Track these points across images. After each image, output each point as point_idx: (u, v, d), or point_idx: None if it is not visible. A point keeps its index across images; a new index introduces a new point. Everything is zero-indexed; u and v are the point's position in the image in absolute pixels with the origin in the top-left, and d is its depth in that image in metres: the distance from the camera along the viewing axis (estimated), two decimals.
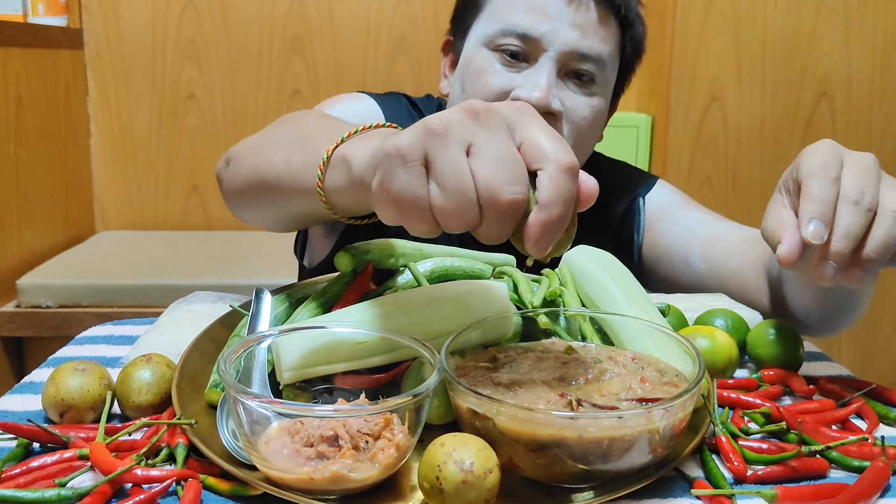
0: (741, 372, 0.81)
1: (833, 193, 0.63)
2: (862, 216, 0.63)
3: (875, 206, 0.64)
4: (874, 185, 0.64)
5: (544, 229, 0.53)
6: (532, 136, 0.54)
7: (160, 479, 0.56)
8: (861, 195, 0.63)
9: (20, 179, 2.08)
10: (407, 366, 0.67)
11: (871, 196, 0.63)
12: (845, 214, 0.63)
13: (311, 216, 0.80)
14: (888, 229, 0.63)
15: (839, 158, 0.66)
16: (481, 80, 1.01)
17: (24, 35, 2.12)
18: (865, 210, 0.63)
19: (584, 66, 1.00)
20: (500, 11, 1.01)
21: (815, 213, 0.63)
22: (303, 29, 2.53)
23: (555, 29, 0.98)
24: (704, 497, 0.57)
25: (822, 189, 0.63)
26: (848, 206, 0.63)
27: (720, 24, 2.17)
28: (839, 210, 0.63)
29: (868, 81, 2.20)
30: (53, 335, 1.94)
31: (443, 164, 0.52)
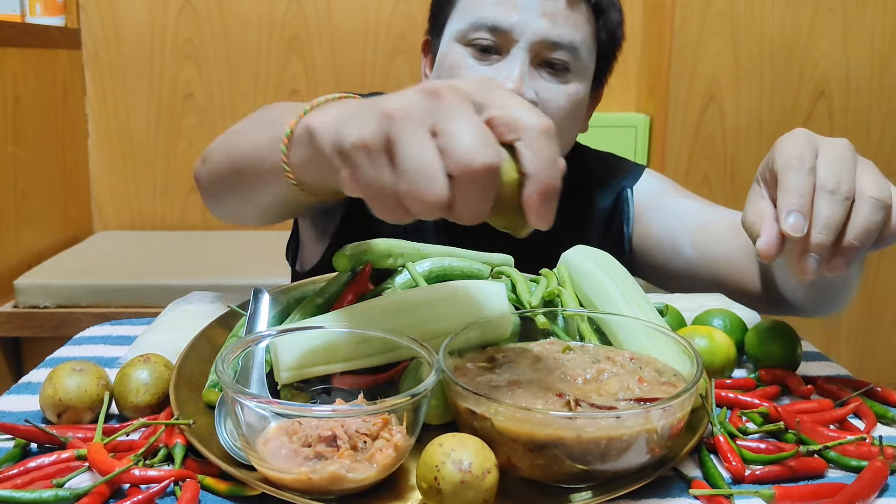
0: (739, 372, 0.81)
1: (809, 184, 0.63)
2: (840, 205, 0.62)
3: (852, 194, 0.63)
4: (850, 171, 0.64)
5: (542, 198, 0.51)
6: (501, 107, 0.52)
7: (158, 479, 0.56)
8: (837, 184, 0.62)
9: (18, 179, 2.08)
10: (405, 366, 0.67)
11: (848, 184, 0.63)
12: (823, 205, 0.62)
13: (287, 201, 0.79)
14: (867, 216, 0.62)
15: (814, 147, 0.65)
16: (455, 76, 1.01)
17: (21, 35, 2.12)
18: (843, 198, 0.62)
19: (556, 55, 1.00)
20: (471, 6, 1.01)
21: (794, 206, 0.62)
22: (301, 29, 2.53)
23: (524, 19, 0.98)
24: (702, 497, 0.57)
25: (798, 180, 0.63)
26: (825, 197, 0.62)
27: (718, 24, 2.17)
28: (817, 201, 0.62)
29: (866, 81, 2.20)
30: (51, 335, 1.94)
31: (405, 149, 0.51)
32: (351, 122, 0.54)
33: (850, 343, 2.36)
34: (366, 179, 0.53)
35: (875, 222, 0.62)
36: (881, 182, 0.64)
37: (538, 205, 0.52)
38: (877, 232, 0.63)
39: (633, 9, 2.51)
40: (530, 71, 0.99)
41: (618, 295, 0.75)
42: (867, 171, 0.65)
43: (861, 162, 0.66)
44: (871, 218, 0.62)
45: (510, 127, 0.52)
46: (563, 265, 0.82)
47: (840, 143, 0.67)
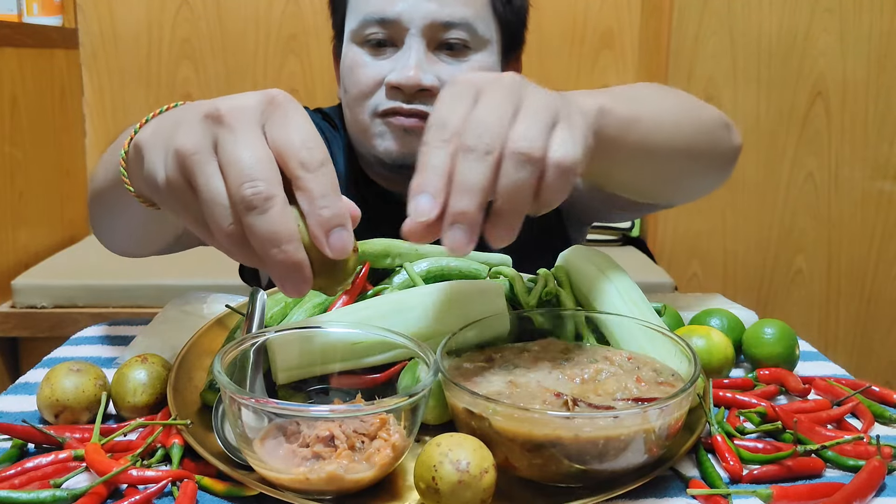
0: (737, 371, 0.81)
1: (446, 155, 0.53)
2: (479, 163, 0.52)
3: (497, 148, 0.52)
4: (499, 120, 0.53)
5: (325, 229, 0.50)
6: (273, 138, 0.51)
7: (155, 479, 0.56)
8: (478, 139, 0.52)
9: (15, 179, 2.08)
10: (403, 366, 0.67)
11: (492, 136, 0.52)
12: (461, 167, 0.52)
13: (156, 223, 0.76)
14: (508, 175, 0.52)
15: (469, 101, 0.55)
16: (355, 76, 1.01)
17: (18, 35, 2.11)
18: (483, 154, 0.52)
19: (451, 35, 0.98)
20: (358, 4, 1.01)
21: (422, 185, 0.52)
22: (299, 29, 2.53)
23: (411, 5, 0.97)
24: (700, 497, 0.57)
25: (431, 154, 0.53)
26: (464, 157, 0.52)
27: (716, 24, 2.17)
28: (457, 162, 0.52)
29: (863, 81, 2.20)
30: (48, 336, 1.94)
31: (198, 185, 0.50)
32: (156, 159, 0.54)
33: (847, 343, 2.36)
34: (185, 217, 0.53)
35: (519, 180, 0.52)
36: (535, 128, 0.53)
37: (323, 237, 0.50)
38: (527, 191, 0.53)
39: (632, 9, 2.52)
40: (428, 56, 0.98)
41: (615, 295, 0.75)
42: (529, 113, 0.54)
43: (528, 103, 0.55)
44: (513, 176, 0.52)
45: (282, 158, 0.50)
46: (560, 265, 0.82)
47: (500, 83, 0.56)
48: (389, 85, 0.98)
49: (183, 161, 0.51)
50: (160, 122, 0.58)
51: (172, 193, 0.53)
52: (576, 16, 2.49)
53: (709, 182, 0.90)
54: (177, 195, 0.52)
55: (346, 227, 0.51)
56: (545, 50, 2.49)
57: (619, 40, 2.54)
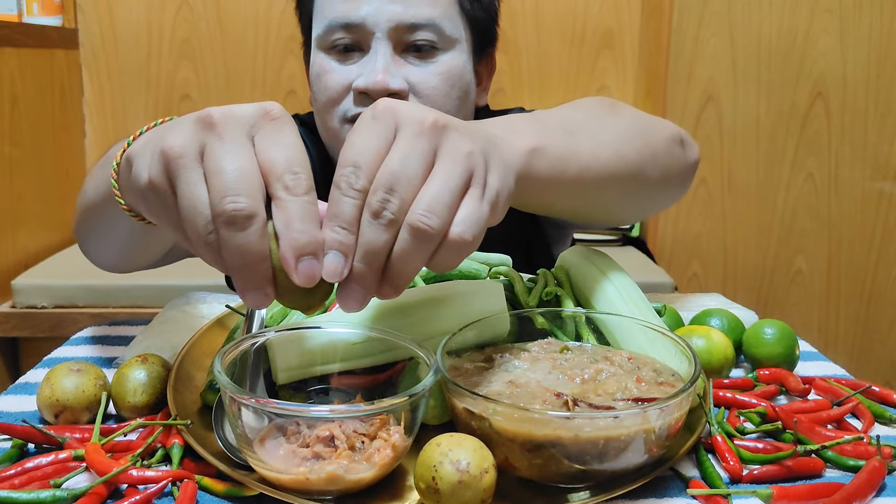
0: (737, 371, 0.81)
1: (357, 209, 0.51)
2: (383, 232, 0.50)
3: (401, 216, 0.51)
4: (410, 180, 0.51)
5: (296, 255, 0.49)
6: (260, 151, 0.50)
7: (156, 479, 0.56)
8: (384, 202, 0.50)
9: (14, 179, 2.08)
10: (403, 366, 0.67)
11: (398, 203, 0.50)
12: (366, 230, 0.51)
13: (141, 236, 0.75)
14: (405, 244, 0.51)
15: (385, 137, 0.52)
16: (323, 82, 1.00)
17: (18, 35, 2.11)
18: (387, 224, 0.50)
19: (418, 37, 0.98)
20: (322, 9, 1.00)
21: (332, 242, 0.50)
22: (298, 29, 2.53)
23: (375, 8, 0.96)
24: (700, 497, 0.57)
25: (341, 207, 0.51)
26: (367, 219, 0.51)
27: (716, 25, 2.17)
28: (362, 220, 0.51)
29: (863, 82, 2.20)
30: (48, 336, 1.94)
31: (179, 189, 0.50)
32: (142, 159, 0.54)
33: (847, 343, 2.36)
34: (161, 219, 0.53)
35: (413, 251, 0.51)
36: (441, 199, 0.51)
37: (292, 262, 0.49)
38: (419, 261, 0.52)
39: (632, 9, 2.52)
40: (395, 59, 0.97)
41: (616, 295, 0.75)
42: (439, 174, 0.52)
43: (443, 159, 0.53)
44: (409, 246, 0.51)
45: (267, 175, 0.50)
46: (560, 265, 0.82)
47: (419, 127, 0.53)
48: (357, 90, 0.97)
49: (168, 163, 0.50)
50: (154, 132, 0.58)
51: (154, 194, 0.52)
52: (576, 16, 2.49)
53: (662, 200, 0.87)
54: (158, 197, 0.52)
55: (317, 258, 0.50)
56: (545, 50, 2.49)
57: (619, 40, 2.54)
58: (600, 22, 2.52)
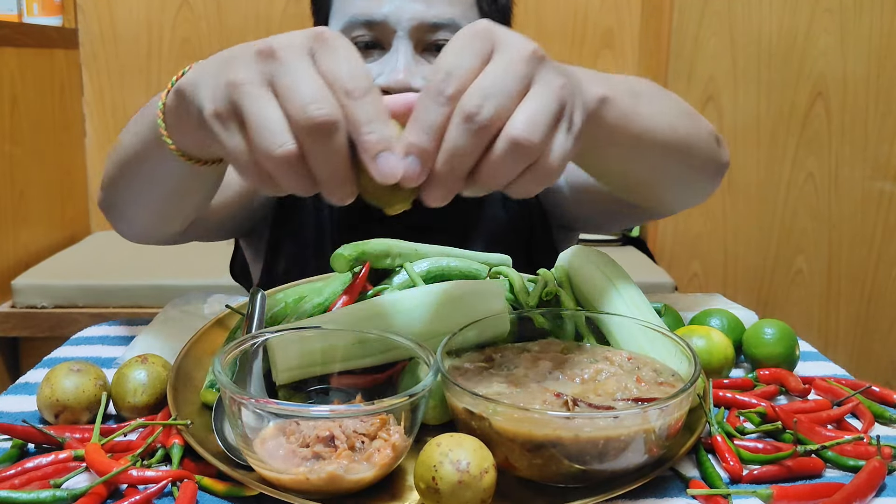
0: (737, 371, 0.81)
1: (444, 117, 0.51)
2: (475, 137, 0.50)
3: (496, 125, 0.51)
4: (505, 94, 0.51)
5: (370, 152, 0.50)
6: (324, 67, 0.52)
7: (156, 479, 0.56)
8: (478, 108, 0.50)
9: (15, 179, 2.08)
10: (403, 366, 0.67)
11: (492, 111, 0.50)
12: (455, 132, 0.50)
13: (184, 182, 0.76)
14: (497, 158, 0.51)
15: (479, 57, 0.52)
16: None
17: (18, 35, 2.11)
18: (477, 129, 0.50)
19: (439, 36, 0.98)
20: (343, 6, 1.00)
21: (411, 148, 0.51)
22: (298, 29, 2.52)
23: (397, 7, 0.96)
24: (700, 497, 0.57)
25: (428, 112, 0.51)
26: (457, 122, 0.50)
27: (716, 24, 2.17)
28: (450, 123, 0.51)
29: (864, 81, 2.20)
30: (48, 336, 1.94)
31: (249, 110, 0.51)
32: (205, 89, 0.55)
33: (847, 343, 2.36)
34: (224, 147, 0.54)
35: (506, 167, 0.52)
36: (540, 120, 0.51)
37: (370, 162, 0.50)
38: (512, 176, 0.53)
39: (632, 9, 2.52)
40: (415, 58, 0.97)
41: (615, 295, 0.75)
42: (537, 97, 0.52)
43: (540, 83, 0.53)
44: (501, 160, 0.51)
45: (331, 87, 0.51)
46: (560, 265, 0.82)
47: (520, 53, 0.53)
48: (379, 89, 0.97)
49: (233, 90, 0.52)
50: (204, 65, 0.60)
51: (219, 123, 0.53)
52: (576, 16, 2.49)
53: (696, 190, 0.89)
54: (223, 125, 0.53)
55: (391, 151, 0.51)
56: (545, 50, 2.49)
57: (619, 40, 2.54)
58: (600, 22, 2.52)
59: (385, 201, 0.55)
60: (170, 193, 0.79)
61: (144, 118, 0.73)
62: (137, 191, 0.80)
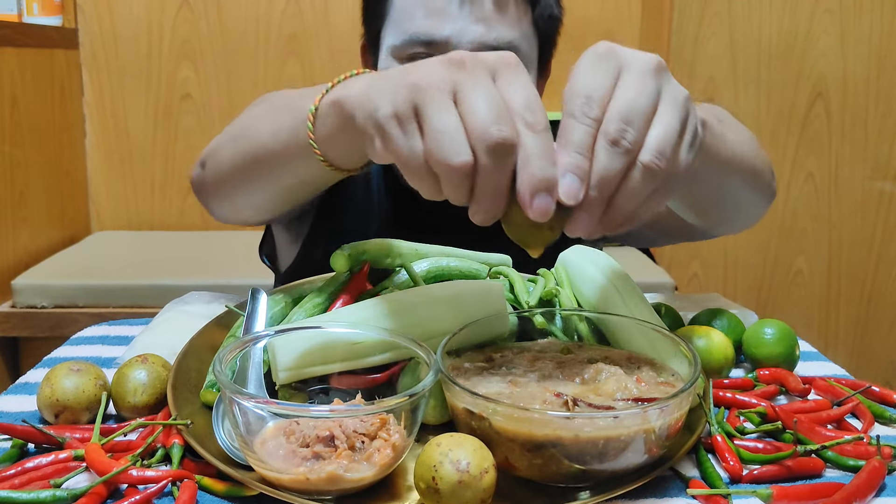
0: (737, 371, 0.81)
1: (591, 137, 0.53)
2: (620, 159, 0.53)
3: (638, 145, 0.53)
4: (643, 115, 0.54)
5: (532, 189, 0.52)
6: (505, 92, 0.54)
7: (156, 479, 0.56)
8: (622, 132, 0.53)
9: (15, 179, 2.08)
10: (403, 366, 0.67)
11: (635, 132, 0.53)
12: (604, 156, 0.53)
13: (308, 182, 0.78)
14: (637, 182, 0.54)
15: (612, 75, 0.55)
16: None
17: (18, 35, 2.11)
18: (624, 152, 0.53)
19: None
20: (401, 21, 0.99)
21: (570, 166, 0.53)
22: (299, 29, 2.53)
23: (459, 29, 0.96)
24: (700, 497, 0.57)
25: (577, 134, 0.53)
26: (604, 146, 0.53)
27: (716, 25, 2.17)
28: (597, 147, 0.53)
29: (864, 82, 2.20)
30: (48, 335, 1.94)
31: (431, 114, 0.53)
32: (382, 94, 0.56)
33: (847, 343, 2.36)
34: (397, 147, 0.55)
35: (641, 190, 0.54)
36: (669, 139, 0.54)
37: (528, 197, 0.52)
38: (643, 199, 0.55)
39: (632, 9, 2.52)
40: None
41: (616, 295, 0.75)
42: (665, 115, 0.55)
43: (667, 96, 0.55)
44: (636, 186, 0.54)
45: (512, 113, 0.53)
46: (560, 265, 0.82)
47: (645, 68, 0.55)
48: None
49: (418, 93, 0.53)
50: (372, 78, 0.61)
51: (396, 125, 0.54)
52: (576, 16, 2.49)
53: (754, 215, 0.92)
54: (400, 127, 0.54)
55: (551, 195, 0.52)
56: None
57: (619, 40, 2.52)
58: (600, 22, 2.52)
59: (527, 239, 0.56)
60: (289, 190, 0.81)
61: (282, 116, 0.74)
62: (257, 184, 0.82)
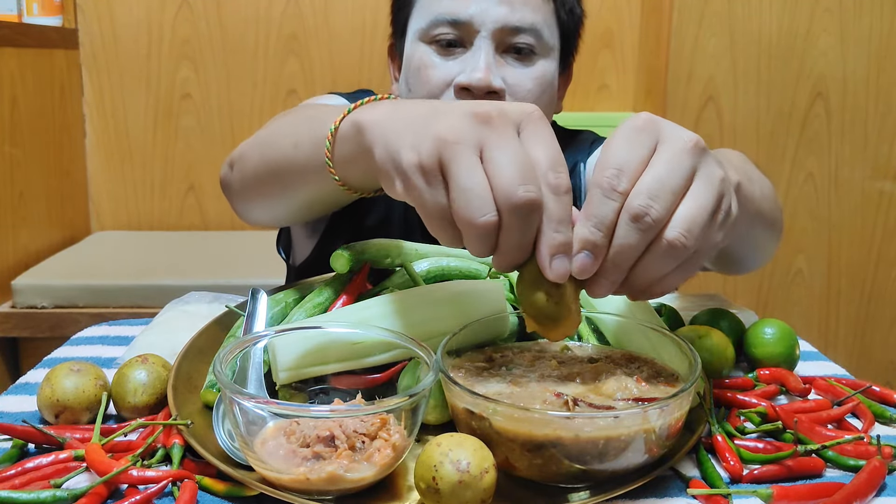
0: (737, 371, 0.81)
1: (615, 213, 0.54)
2: (638, 234, 0.53)
3: (661, 224, 0.53)
4: (672, 192, 0.54)
5: (550, 251, 0.53)
6: (530, 149, 0.54)
7: (156, 479, 0.56)
8: (646, 209, 0.53)
9: (15, 179, 2.08)
10: (403, 366, 0.67)
11: (659, 212, 0.53)
12: (622, 231, 0.53)
13: (324, 199, 0.80)
14: (655, 260, 0.54)
15: (647, 149, 0.55)
16: (423, 76, 1.02)
17: (18, 35, 2.12)
18: (645, 229, 0.53)
19: (520, 40, 1.00)
20: (428, 4, 1.03)
21: (585, 243, 0.54)
22: (298, 28, 2.53)
23: (483, 9, 0.99)
24: (701, 496, 0.57)
25: (601, 208, 0.54)
26: (625, 221, 0.53)
27: (716, 25, 2.17)
28: (619, 221, 0.54)
29: (863, 82, 2.20)
30: (49, 336, 1.94)
31: (458, 173, 0.53)
32: (405, 138, 0.56)
33: (847, 343, 2.36)
34: (422, 197, 0.55)
35: (662, 266, 0.55)
36: (698, 222, 0.54)
37: (548, 260, 0.53)
38: (665, 273, 0.55)
39: (632, 9, 2.52)
40: (496, 58, 1.00)
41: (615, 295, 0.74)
42: (698, 195, 0.55)
43: (700, 181, 0.55)
44: (658, 261, 0.54)
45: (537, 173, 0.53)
46: None
47: (683, 146, 0.55)
48: (459, 86, 0.99)
49: (445, 147, 0.53)
50: (398, 110, 0.61)
51: (421, 176, 0.55)
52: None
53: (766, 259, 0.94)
54: (425, 178, 0.54)
55: (568, 257, 0.54)
56: None
57: (619, 40, 2.54)
58: (600, 22, 2.52)
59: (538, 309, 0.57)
60: (307, 203, 0.82)
61: (305, 130, 0.75)
62: (277, 193, 0.83)
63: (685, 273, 0.56)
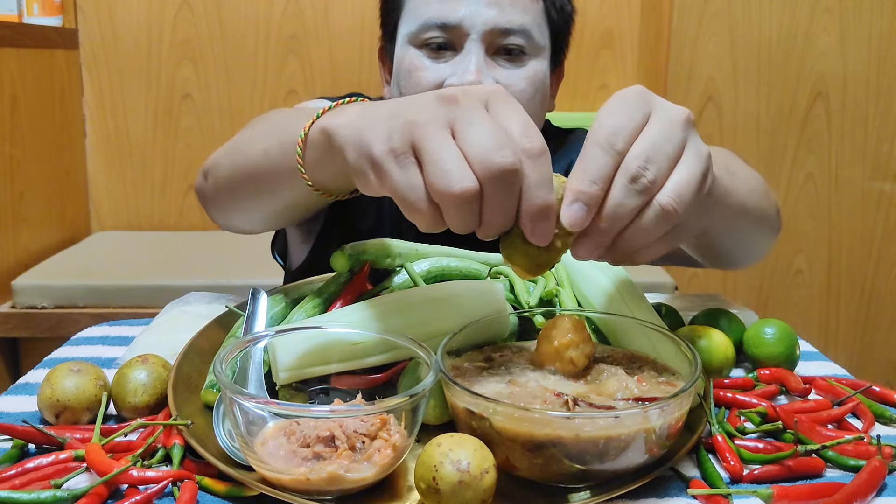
0: (737, 371, 0.81)
1: (611, 169, 0.54)
2: (635, 197, 0.54)
3: (656, 188, 0.55)
4: (667, 158, 0.55)
5: (534, 217, 0.53)
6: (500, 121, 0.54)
7: (156, 479, 0.56)
8: (642, 171, 0.54)
9: (15, 180, 2.08)
10: (403, 366, 0.67)
11: (655, 174, 0.54)
12: (617, 191, 0.54)
13: (299, 203, 0.80)
14: (649, 223, 0.55)
15: (642, 116, 0.56)
16: (414, 79, 1.01)
17: (18, 35, 2.12)
18: (641, 190, 0.54)
19: (510, 41, 1.00)
20: (417, 7, 1.02)
21: (580, 195, 0.54)
22: (298, 29, 2.53)
23: (472, 11, 0.99)
24: (701, 496, 0.57)
25: (597, 161, 0.54)
26: (622, 182, 0.54)
27: (716, 25, 2.17)
28: (614, 182, 0.54)
29: (863, 81, 2.20)
30: (49, 336, 1.94)
31: (431, 148, 0.53)
32: (375, 131, 0.56)
33: (848, 343, 2.36)
34: (395, 182, 0.55)
35: (653, 231, 0.55)
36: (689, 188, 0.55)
37: (531, 224, 0.53)
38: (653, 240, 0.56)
39: (631, 9, 2.52)
40: (486, 61, 1.00)
41: (616, 295, 0.75)
42: (687, 162, 0.56)
43: (692, 146, 0.57)
44: (650, 226, 0.55)
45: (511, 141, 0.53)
46: (561, 265, 0.82)
47: (674, 116, 0.57)
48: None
49: (414, 129, 0.54)
50: (365, 111, 0.61)
51: (393, 160, 0.55)
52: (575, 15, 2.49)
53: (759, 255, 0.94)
54: (398, 161, 0.54)
55: (550, 219, 0.54)
56: None
57: (619, 40, 2.53)
58: (600, 22, 2.52)
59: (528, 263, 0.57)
60: (282, 209, 0.82)
61: (274, 138, 0.75)
62: (253, 200, 0.83)
63: (669, 243, 0.57)
